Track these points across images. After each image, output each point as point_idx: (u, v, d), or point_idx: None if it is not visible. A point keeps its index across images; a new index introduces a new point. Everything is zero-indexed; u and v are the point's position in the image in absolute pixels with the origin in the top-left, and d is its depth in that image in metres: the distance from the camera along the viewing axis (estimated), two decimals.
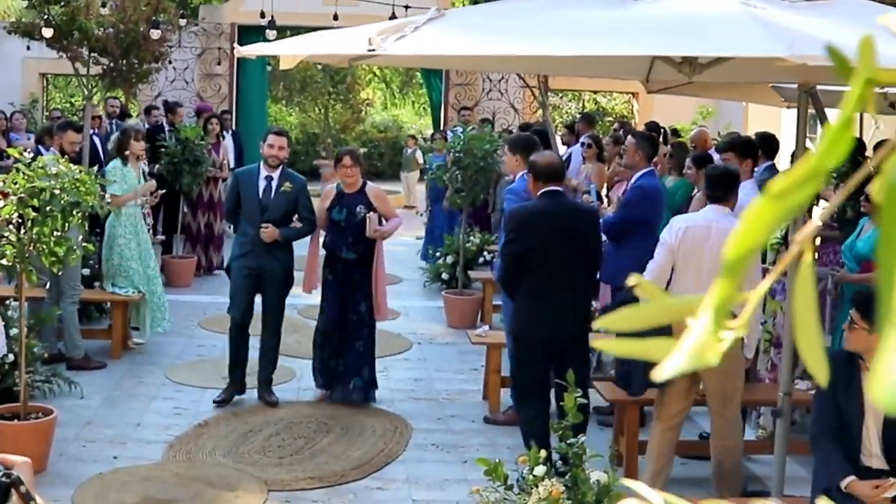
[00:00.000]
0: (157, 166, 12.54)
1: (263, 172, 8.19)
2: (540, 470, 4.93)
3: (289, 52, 4.91)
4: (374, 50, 3.69)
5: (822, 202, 7.53)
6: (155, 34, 13.43)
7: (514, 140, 8.40)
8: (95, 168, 9.26)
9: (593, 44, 3.91)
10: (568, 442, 5.03)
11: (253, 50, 5.05)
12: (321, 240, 8.45)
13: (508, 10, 4.66)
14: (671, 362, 0.58)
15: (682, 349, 0.58)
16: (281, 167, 8.22)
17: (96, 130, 14.24)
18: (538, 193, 6.50)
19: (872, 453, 4.91)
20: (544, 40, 3.92)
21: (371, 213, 8.08)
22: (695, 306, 0.58)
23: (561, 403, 5.65)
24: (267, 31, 15.45)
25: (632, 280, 0.63)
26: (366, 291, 8.21)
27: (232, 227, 10.01)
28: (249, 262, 8.10)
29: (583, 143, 12.17)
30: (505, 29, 4.03)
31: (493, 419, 8.08)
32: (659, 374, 0.61)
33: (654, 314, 0.60)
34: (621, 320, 0.61)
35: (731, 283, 0.57)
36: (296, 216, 8.26)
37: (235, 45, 6.93)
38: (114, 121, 15.27)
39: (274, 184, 8.14)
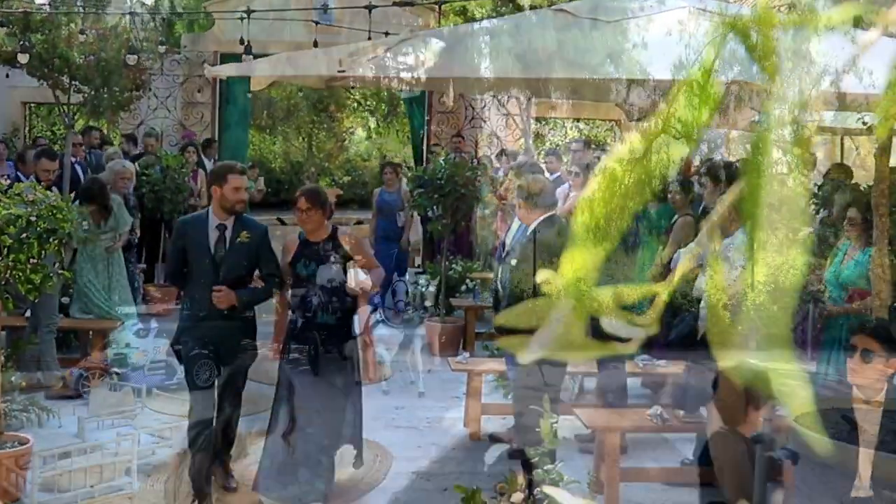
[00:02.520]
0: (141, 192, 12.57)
1: (214, 220, 6.51)
2: (517, 497, 4.89)
3: (259, 73, 4.89)
4: (344, 71, 3.67)
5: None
6: (131, 59, 13.43)
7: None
8: (73, 195, 9.25)
9: (560, 66, 3.90)
10: (545, 468, 4.99)
11: (223, 70, 5.03)
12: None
13: (478, 32, 4.65)
14: (533, 345, 0.55)
15: (544, 334, 0.55)
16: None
17: (78, 159, 14.16)
18: (541, 219, 6.39)
19: (861, 486, 4.88)
20: (511, 61, 3.91)
21: (350, 261, 6.54)
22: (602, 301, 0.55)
23: None
24: (243, 56, 15.40)
25: (541, 276, 0.60)
26: (353, 363, 6.65)
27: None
28: (203, 338, 6.45)
29: (570, 171, 12.18)
30: (475, 49, 4.02)
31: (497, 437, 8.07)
32: (525, 358, 0.58)
33: (548, 311, 0.57)
34: (517, 317, 0.57)
35: (583, 256, 0.54)
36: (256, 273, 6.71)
37: (206, 65, 6.75)
38: (92, 151, 15.18)
39: (228, 234, 6.48)
